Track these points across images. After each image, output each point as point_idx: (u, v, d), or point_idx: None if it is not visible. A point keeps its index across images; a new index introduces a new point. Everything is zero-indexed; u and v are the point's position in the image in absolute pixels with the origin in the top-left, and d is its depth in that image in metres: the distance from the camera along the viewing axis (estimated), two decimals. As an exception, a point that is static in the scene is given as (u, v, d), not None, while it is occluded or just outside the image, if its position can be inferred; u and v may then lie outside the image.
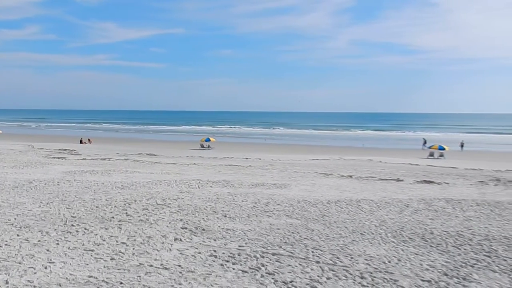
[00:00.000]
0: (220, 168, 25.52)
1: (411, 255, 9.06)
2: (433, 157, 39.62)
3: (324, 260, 8.59)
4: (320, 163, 30.68)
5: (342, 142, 64.39)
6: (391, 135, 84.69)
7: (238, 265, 8.24)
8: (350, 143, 61.83)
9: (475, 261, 8.73)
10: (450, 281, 7.59)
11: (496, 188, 19.14)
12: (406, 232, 10.93)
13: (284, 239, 10.04)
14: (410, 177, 22.65)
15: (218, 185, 18.48)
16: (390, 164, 30.71)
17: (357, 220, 12.25)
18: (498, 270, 8.20)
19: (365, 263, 8.43)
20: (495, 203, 15.22)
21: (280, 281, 7.43)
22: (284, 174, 23.13)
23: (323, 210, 13.47)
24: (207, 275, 7.66)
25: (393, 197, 16.22)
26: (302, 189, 17.92)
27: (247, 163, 29.49)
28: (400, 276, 7.78)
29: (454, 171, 26.46)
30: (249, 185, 18.50)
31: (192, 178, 20.57)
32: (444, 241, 10.15)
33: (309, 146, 55.19)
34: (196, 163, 28.56)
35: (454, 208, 14.26)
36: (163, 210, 12.98)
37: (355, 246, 9.63)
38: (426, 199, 15.71)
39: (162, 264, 8.20)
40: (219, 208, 13.53)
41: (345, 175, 22.86)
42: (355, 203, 14.72)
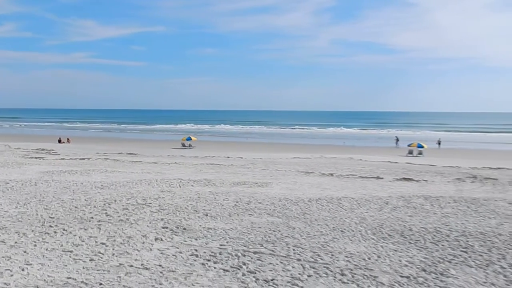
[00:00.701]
0: (201, 167, 25.43)
1: (390, 251, 9.19)
2: (412, 155, 40.22)
3: (305, 257, 8.64)
4: (302, 161, 30.85)
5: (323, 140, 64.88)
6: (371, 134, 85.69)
7: (220, 264, 8.23)
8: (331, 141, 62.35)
9: (452, 256, 8.90)
10: (428, 276, 7.73)
11: (473, 185, 19.54)
12: (386, 229, 11.08)
13: (266, 238, 10.07)
14: (390, 174, 22.95)
15: (200, 184, 18.41)
16: (370, 162, 31.06)
17: (338, 217, 12.36)
18: (474, 265, 8.39)
19: (345, 260, 8.52)
20: (471, 199, 15.54)
21: (262, 279, 7.46)
22: (265, 172, 23.18)
23: (304, 208, 13.55)
24: (188, 275, 7.63)
25: (373, 194, 16.42)
26: (283, 187, 17.99)
27: (229, 161, 29.46)
28: (379, 272, 7.88)
29: (432, 168, 26.92)
30: (231, 184, 18.49)
31: (173, 177, 20.45)
32: (422, 238, 10.32)
33: (291, 144, 55.45)
34: (177, 162, 28.39)
35: (432, 205, 14.51)
36: (143, 210, 12.87)
37: (335, 243, 9.71)
38: (405, 196, 15.95)
39: (142, 264, 8.13)
40: (201, 207, 13.49)
41: (326, 173, 23.03)
42: (336, 201, 14.85)
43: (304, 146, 52.13)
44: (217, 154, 36.19)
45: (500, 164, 29.81)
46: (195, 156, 34.45)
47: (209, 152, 39.18)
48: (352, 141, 61.71)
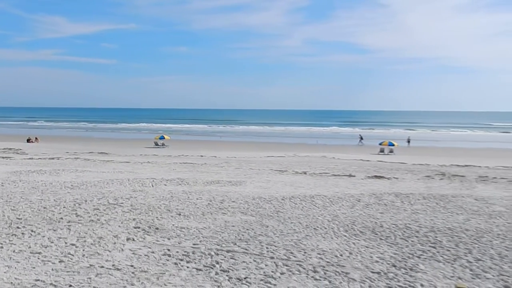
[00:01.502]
0: (174, 166, 25.22)
1: (362, 248, 9.33)
2: (384, 153, 40.97)
3: (278, 255, 8.69)
4: (275, 160, 30.99)
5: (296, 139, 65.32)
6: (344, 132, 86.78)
7: (192, 263, 8.18)
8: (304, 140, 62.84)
9: (421, 252, 9.11)
10: (398, 272, 7.89)
11: (442, 182, 20.05)
12: (358, 226, 11.24)
13: (239, 236, 10.07)
14: (362, 172, 23.31)
15: (173, 183, 18.25)
16: (343, 160, 31.48)
17: (311, 215, 12.47)
18: (442, 260, 8.61)
19: (318, 257, 8.60)
20: (440, 196, 15.94)
21: (235, 278, 7.45)
22: (239, 171, 23.18)
23: (277, 207, 13.61)
24: (161, 275, 7.55)
25: (346, 192, 16.64)
26: (257, 186, 18.02)
27: (202, 160, 29.32)
28: (351, 268, 8.00)
29: (403, 166, 27.49)
30: (204, 183, 18.40)
31: (145, 176, 20.20)
32: (393, 234, 10.52)
33: (264, 143, 55.60)
34: (150, 161, 28.07)
35: (402, 201, 14.81)
36: (115, 210, 12.67)
37: (308, 241, 9.80)
38: (376, 194, 16.22)
39: (113, 264, 8.00)
40: (174, 206, 13.38)
41: (299, 172, 23.20)
42: (309, 199, 14.98)
43: (278, 145, 52.37)
44: (191, 153, 35.97)
45: (467, 161, 30.71)
46: (169, 155, 34.14)
47: (182, 151, 38.89)
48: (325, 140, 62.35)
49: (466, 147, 53.09)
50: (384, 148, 42.29)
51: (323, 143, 56.17)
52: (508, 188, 18.34)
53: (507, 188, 18.34)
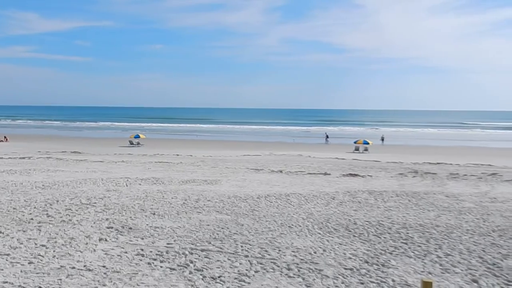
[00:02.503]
0: (149, 165, 24.94)
1: (336, 245, 9.44)
2: (358, 151, 41.46)
3: (252, 254, 8.70)
4: (251, 158, 31.00)
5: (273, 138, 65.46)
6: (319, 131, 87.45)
7: (166, 262, 8.12)
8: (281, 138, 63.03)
9: (393, 248, 9.28)
10: (371, 268, 8.01)
11: (414, 180, 20.45)
12: (332, 224, 11.36)
13: (214, 235, 10.04)
14: (337, 170, 23.55)
15: (147, 182, 18.06)
16: (318, 158, 31.72)
17: (286, 213, 12.53)
18: (413, 255, 8.78)
19: (292, 255, 8.65)
20: (412, 193, 16.25)
21: (209, 277, 7.43)
22: (215, 170, 23.10)
23: (253, 205, 13.63)
24: (134, 275, 7.46)
25: (321, 190, 16.78)
26: (233, 184, 18.00)
27: (178, 159, 29.09)
28: (324, 265, 8.08)
29: (377, 164, 27.89)
30: (180, 182, 18.27)
31: (120, 176, 19.92)
32: (366, 231, 10.67)
33: (241, 142, 55.52)
34: (124, 161, 27.68)
35: (376, 199, 15.04)
36: (87, 210, 12.45)
37: (283, 239, 9.84)
38: (351, 192, 16.42)
39: (85, 265, 7.86)
40: (148, 206, 13.23)
41: (275, 170, 23.28)
42: (284, 197, 15.05)
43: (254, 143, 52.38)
44: (166, 152, 35.63)
45: (439, 159, 31.39)
46: (144, 154, 33.74)
47: (158, 150, 38.48)
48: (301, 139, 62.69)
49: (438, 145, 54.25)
50: (359, 147, 42.78)
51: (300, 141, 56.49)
52: (478, 185, 18.83)
53: (476, 185, 18.83)
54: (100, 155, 32.60)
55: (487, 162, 29.92)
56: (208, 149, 40.22)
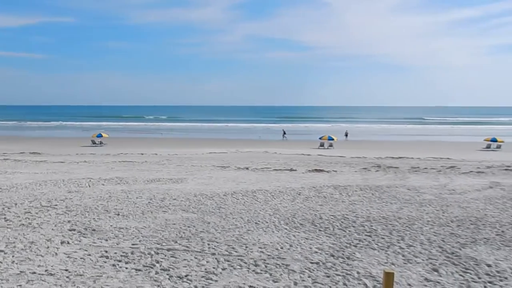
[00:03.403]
0: (113, 165, 24.43)
1: (302, 240, 9.54)
2: (324, 147, 42.04)
3: (219, 251, 8.68)
4: (217, 156, 30.90)
5: (239, 135, 65.46)
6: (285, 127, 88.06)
7: (131, 264, 7.98)
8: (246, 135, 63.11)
9: (358, 241, 9.47)
10: (336, 261, 8.15)
11: (377, 174, 20.93)
12: (298, 219, 11.48)
13: (180, 234, 9.95)
14: (303, 166, 23.80)
15: (111, 182, 17.68)
16: (284, 155, 31.96)
17: (253, 210, 12.57)
18: (377, 247, 8.99)
19: (259, 251, 8.69)
20: (375, 187, 16.63)
21: (175, 276, 7.35)
22: (180, 168, 22.88)
23: (219, 203, 13.59)
24: (98, 277, 7.30)
25: (287, 186, 16.92)
26: (199, 182, 17.89)
27: (143, 158, 28.63)
28: (291, 260, 8.15)
29: (341, 159, 28.38)
30: (144, 181, 17.99)
31: (82, 176, 19.42)
32: (331, 225, 10.84)
33: (206, 139, 55.23)
34: (86, 161, 27.00)
35: (341, 193, 15.30)
36: (48, 212, 12.07)
37: (250, 235, 9.87)
38: (316, 187, 16.63)
39: (46, 270, 7.62)
40: (112, 206, 12.97)
41: (241, 167, 23.29)
42: (250, 194, 15.08)
43: (220, 141, 52.22)
44: (130, 151, 35.00)
45: (401, 153, 32.28)
46: (107, 154, 33.02)
47: (121, 149, 37.74)
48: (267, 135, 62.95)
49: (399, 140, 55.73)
50: (324, 143, 43.39)
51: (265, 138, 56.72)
52: (437, 177, 19.47)
53: (436, 177, 19.47)
54: (61, 155, 31.67)
55: (445, 155, 31.01)
56: (173, 147, 39.77)
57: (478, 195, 15.01)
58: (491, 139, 42.10)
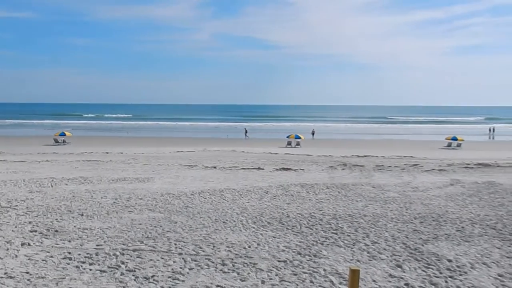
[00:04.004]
0: (77, 164, 23.82)
1: (269, 238, 9.58)
2: (291, 146, 42.41)
3: (187, 251, 8.60)
4: (185, 155, 30.64)
5: (206, 133, 65.17)
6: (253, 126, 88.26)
7: (96, 265, 7.80)
8: (214, 134, 62.90)
9: (324, 238, 9.59)
10: (303, 259, 8.23)
11: (343, 172, 21.27)
12: (265, 217, 11.52)
13: (146, 234, 9.80)
14: (270, 165, 23.92)
15: (75, 182, 17.24)
16: (252, 153, 32.03)
17: (220, 209, 12.53)
18: (343, 245, 9.14)
19: (226, 250, 8.66)
20: (342, 185, 16.89)
21: (141, 277, 7.24)
22: (147, 167, 22.55)
23: (186, 202, 13.48)
24: (60, 280, 7.09)
25: (254, 185, 16.95)
26: (166, 182, 17.68)
27: (108, 157, 28.05)
28: (259, 259, 8.17)
29: (308, 158, 28.69)
30: (110, 181, 17.63)
31: (44, 176, 18.84)
32: (298, 223, 10.94)
33: (174, 138, 54.69)
34: (49, 160, 26.22)
35: (308, 192, 15.46)
36: (8, 214, 11.64)
37: (217, 234, 9.83)
38: (284, 185, 16.75)
39: (6, 273, 7.34)
40: (75, 206, 12.64)
41: (209, 166, 23.18)
42: (218, 193, 15.03)
43: (187, 139, 51.82)
44: (95, 150, 34.23)
45: (366, 152, 32.94)
46: (70, 153, 32.17)
47: (86, 148, 36.86)
48: (234, 134, 62.91)
49: (364, 138, 56.90)
50: (291, 141, 43.78)
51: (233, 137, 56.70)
52: (401, 175, 19.98)
53: (400, 175, 19.97)
54: (22, 154, 30.64)
55: (409, 154, 31.87)
56: (139, 146, 39.16)
57: (440, 192, 15.50)
58: (452, 138, 43.60)
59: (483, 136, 63.19)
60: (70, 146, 41.15)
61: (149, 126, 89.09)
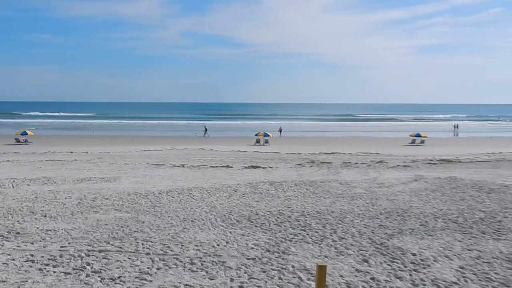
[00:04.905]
0: (40, 164, 23.11)
1: (238, 236, 9.58)
2: (260, 144, 42.51)
3: (154, 251, 8.49)
4: (152, 153, 30.23)
5: (174, 132, 64.50)
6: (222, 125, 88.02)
7: (60, 267, 7.59)
8: (182, 133, 62.31)
9: (293, 235, 9.67)
10: (272, 256, 8.27)
11: (311, 169, 21.50)
12: (234, 216, 11.51)
13: (113, 234, 9.62)
14: (239, 163, 23.91)
15: (37, 182, 16.72)
16: (220, 152, 31.93)
17: (189, 208, 12.43)
18: (311, 241, 9.24)
19: (195, 249, 8.60)
20: (310, 182, 17.07)
21: (107, 278, 7.09)
22: (113, 167, 22.12)
23: (154, 201, 13.30)
24: (23, 283, 6.87)
25: (223, 183, 16.91)
26: (132, 181, 17.39)
27: (72, 157, 27.34)
28: (228, 257, 8.16)
29: (277, 155, 28.84)
30: (74, 181, 17.20)
31: (4, 177, 18.18)
32: (267, 221, 10.98)
33: (141, 137, 53.86)
34: (10, 160, 25.32)
35: (276, 189, 15.54)
36: (-35, 216, 11.16)
37: (186, 233, 9.75)
38: (252, 183, 16.77)
39: (-37, 278, 7.05)
40: (38, 208, 12.26)
41: (177, 165, 22.95)
42: (186, 192, 14.91)
43: (155, 138, 51.12)
44: (59, 150, 33.30)
45: (334, 149, 33.41)
46: (32, 153, 31.17)
47: (49, 147, 35.79)
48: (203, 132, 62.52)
49: (332, 136, 57.71)
50: (260, 139, 43.87)
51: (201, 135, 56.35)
52: (367, 172, 20.37)
53: (366, 172, 20.36)
54: (-19, 154, 29.44)
55: (375, 151, 32.53)
56: (105, 145, 38.35)
57: (404, 188, 15.89)
58: (416, 135, 44.78)
59: (448, 133, 65.21)
60: (33, 145, 39.86)
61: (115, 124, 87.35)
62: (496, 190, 15.15)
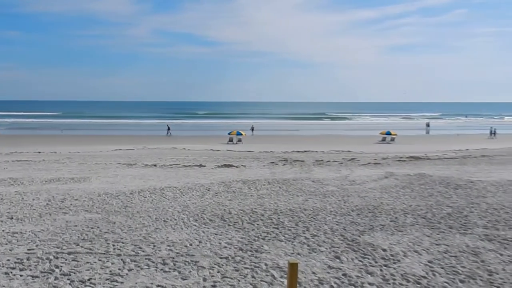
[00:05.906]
0: (5, 165, 22.39)
1: (211, 235, 9.54)
2: (232, 143, 42.45)
3: (125, 252, 8.36)
4: (124, 153, 29.76)
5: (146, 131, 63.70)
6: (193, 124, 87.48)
7: (27, 270, 7.38)
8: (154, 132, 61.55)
9: (266, 234, 9.69)
10: (245, 254, 8.27)
11: (284, 167, 21.61)
12: (207, 215, 11.45)
13: (82, 236, 9.41)
14: (212, 162, 23.81)
15: (3, 184, 16.21)
16: (193, 151, 31.71)
17: (161, 208, 12.29)
18: (284, 239, 9.28)
19: (167, 249, 8.52)
20: (283, 180, 17.15)
21: (77, 281, 6.94)
22: (83, 167, 21.66)
23: (125, 201, 13.10)
24: (-13, 288, 6.64)
25: (196, 182, 16.80)
26: (103, 181, 17.08)
27: (40, 157, 26.62)
28: (200, 257, 8.11)
29: (250, 154, 28.86)
30: (42, 182, 16.75)
31: (-32, 178, 17.53)
32: (240, 219, 10.98)
33: (112, 136, 52.90)
34: (-27, 161, 24.42)
35: (249, 188, 15.55)
36: None
37: (158, 234, 9.64)
38: (225, 182, 16.73)
39: None
40: (4, 210, 11.89)
41: (149, 164, 22.67)
42: (159, 191, 14.74)
43: (126, 137, 50.30)
44: (26, 150, 32.34)
45: (306, 147, 33.68)
46: (-2, 153, 30.16)
47: (15, 147, 34.71)
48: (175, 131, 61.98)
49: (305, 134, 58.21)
50: (233, 138, 43.83)
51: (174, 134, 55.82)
52: (339, 169, 20.62)
53: (338, 169, 20.61)
54: None
55: (346, 148, 32.98)
56: (75, 145, 37.50)
57: (375, 185, 16.17)
58: (386, 133, 45.69)
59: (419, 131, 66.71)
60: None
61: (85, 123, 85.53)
62: (463, 186, 15.60)
